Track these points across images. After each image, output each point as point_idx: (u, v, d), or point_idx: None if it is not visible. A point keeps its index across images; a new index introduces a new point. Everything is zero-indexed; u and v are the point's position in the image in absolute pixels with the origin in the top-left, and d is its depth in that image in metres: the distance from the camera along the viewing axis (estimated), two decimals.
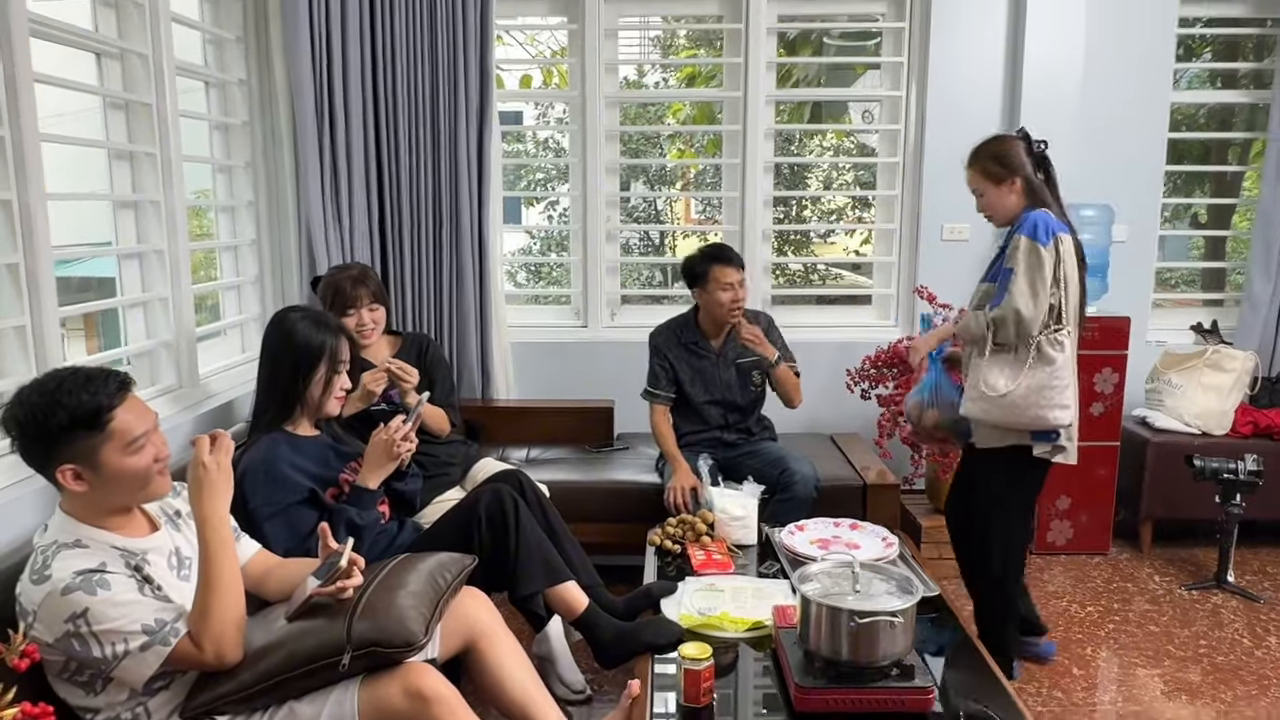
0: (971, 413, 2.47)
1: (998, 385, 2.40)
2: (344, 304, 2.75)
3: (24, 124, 2.05)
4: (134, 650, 1.48)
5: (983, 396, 2.42)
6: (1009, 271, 2.39)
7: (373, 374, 2.67)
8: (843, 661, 1.73)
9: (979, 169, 2.52)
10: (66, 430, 1.51)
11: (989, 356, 2.43)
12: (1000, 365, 2.42)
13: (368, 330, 2.80)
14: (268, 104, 3.32)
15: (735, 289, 3.04)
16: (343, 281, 2.76)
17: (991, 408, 2.42)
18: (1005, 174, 2.48)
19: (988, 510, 2.57)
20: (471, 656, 1.95)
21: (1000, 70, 3.73)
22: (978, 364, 2.46)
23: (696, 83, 7.06)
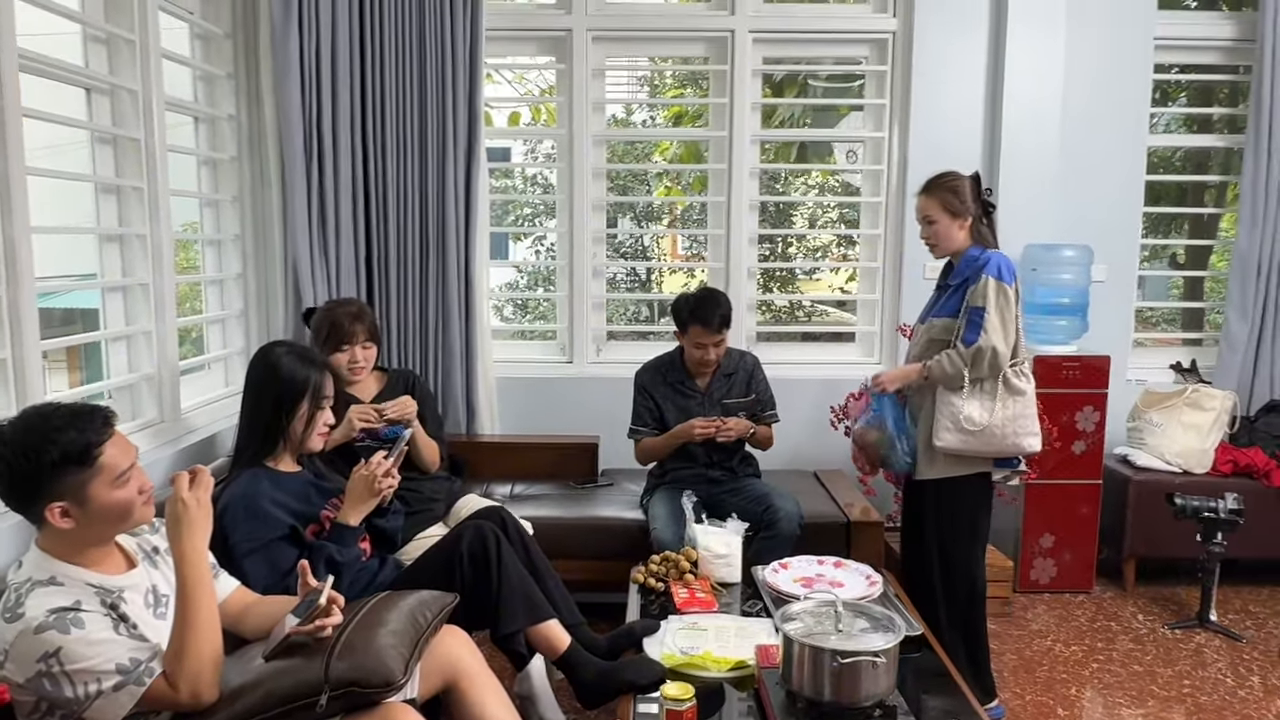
0: (949, 445, 2.54)
1: (976, 418, 2.51)
2: (339, 339, 2.74)
3: (10, 158, 2.06)
4: (107, 690, 1.46)
5: (960, 429, 2.52)
6: (980, 310, 2.51)
7: (360, 409, 2.66)
8: (825, 702, 1.73)
9: (938, 199, 2.60)
10: (57, 466, 1.50)
11: (967, 391, 2.53)
12: (977, 399, 2.53)
13: (359, 368, 2.79)
14: (256, 139, 3.34)
15: (709, 350, 3.07)
16: (341, 317, 2.75)
17: (971, 439, 2.53)
18: (961, 209, 2.59)
19: (959, 538, 2.65)
20: (452, 696, 1.92)
21: (980, 113, 3.80)
22: (950, 400, 2.54)
23: (683, 121, 7.14)
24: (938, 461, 2.61)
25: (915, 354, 2.72)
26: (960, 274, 2.61)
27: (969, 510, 2.65)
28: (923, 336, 2.69)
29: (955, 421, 2.53)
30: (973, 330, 2.51)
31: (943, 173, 2.65)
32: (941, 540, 2.66)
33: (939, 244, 2.63)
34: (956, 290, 2.61)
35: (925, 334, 2.68)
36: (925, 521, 2.69)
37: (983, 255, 2.57)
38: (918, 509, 2.75)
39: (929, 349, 2.64)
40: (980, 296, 2.50)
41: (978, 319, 2.50)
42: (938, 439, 2.55)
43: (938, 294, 2.74)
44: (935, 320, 2.65)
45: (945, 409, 2.55)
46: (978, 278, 2.53)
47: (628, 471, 3.58)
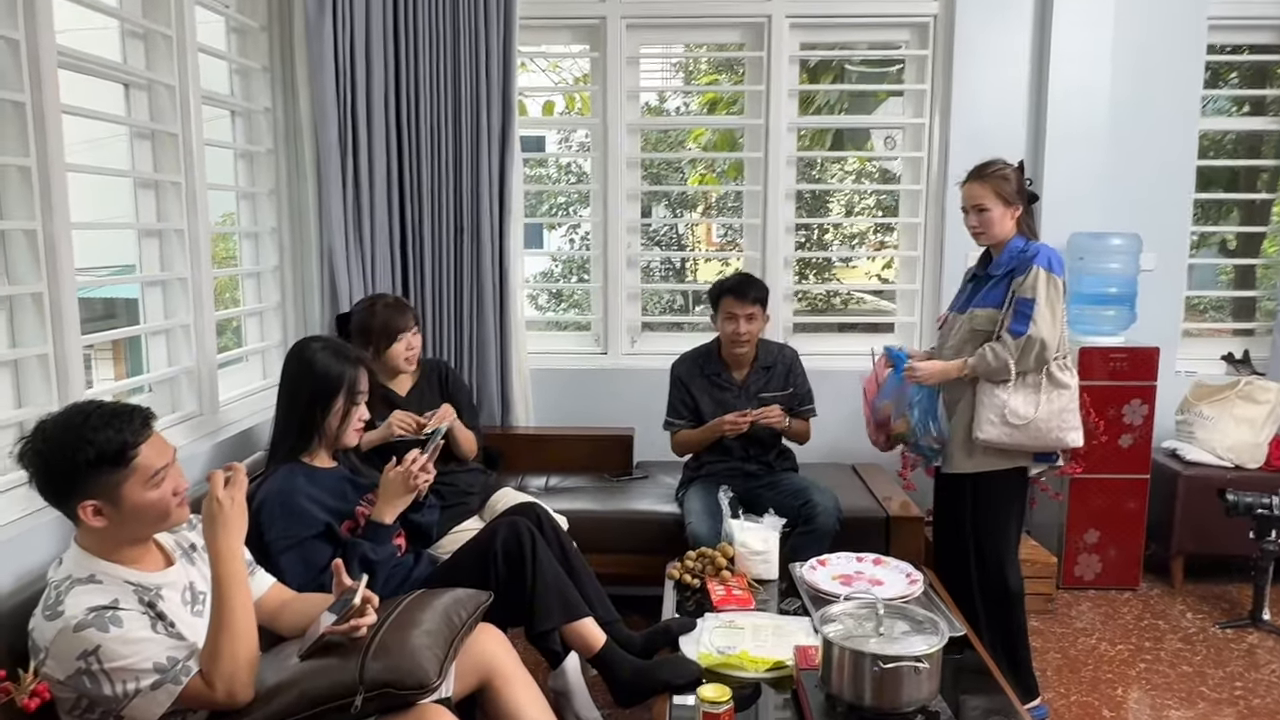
0: (992, 438, 2.50)
1: (1021, 411, 2.48)
2: (392, 331, 2.73)
3: (50, 154, 2.07)
4: (145, 689, 1.46)
5: (1005, 423, 2.49)
6: (1029, 301, 2.47)
7: (401, 417, 2.65)
8: (866, 707, 1.69)
9: (992, 187, 2.53)
10: (92, 466, 1.50)
11: (1013, 384, 2.49)
12: (1021, 392, 2.50)
13: (415, 355, 2.79)
14: (292, 132, 3.34)
15: (739, 321, 3.01)
16: (384, 310, 2.74)
17: (1015, 433, 2.49)
18: (1014, 198, 2.54)
19: (995, 532, 2.60)
20: (487, 695, 1.92)
21: (1025, 98, 3.70)
22: (994, 393, 2.50)
23: (718, 108, 7.07)
24: (976, 454, 2.57)
25: (954, 344, 2.65)
26: (1004, 264, 2.56)
27: (1006, 504, 2.61)
28: (963, 327, 2.62)
29: (1000, 415, 2.49)
30: (1021, 321, 2.47)
31: (991, 160, 2.59)
32: (978, 535, 2.62)
33: (987, 232, 2.57)
34: (1000, 281, 2.56)
35: (966, 324, 2.61)
36: (961, 516, 2.65)
37: (1030, 246, 2.53)
38: (952, 503, 2.70)
39: (970, 340, 2.59)
40: (1030, 288, 2.46)
41: (1027, 310, 2.46)
42: (980, 432, 2.51)
43: (974, 284, 2.68)
44: (977, 311, 2.59)
45: (989, 401, 2.51)
46: (1026, 269, 2.48)
47: (663, 464, 3.55)
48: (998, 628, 2.61)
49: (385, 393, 2.78)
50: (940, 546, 2.83)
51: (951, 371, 2.57)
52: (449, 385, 2.95)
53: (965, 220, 2.63)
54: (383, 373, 2.79)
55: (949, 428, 2.67)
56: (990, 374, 2.50)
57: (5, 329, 2.07)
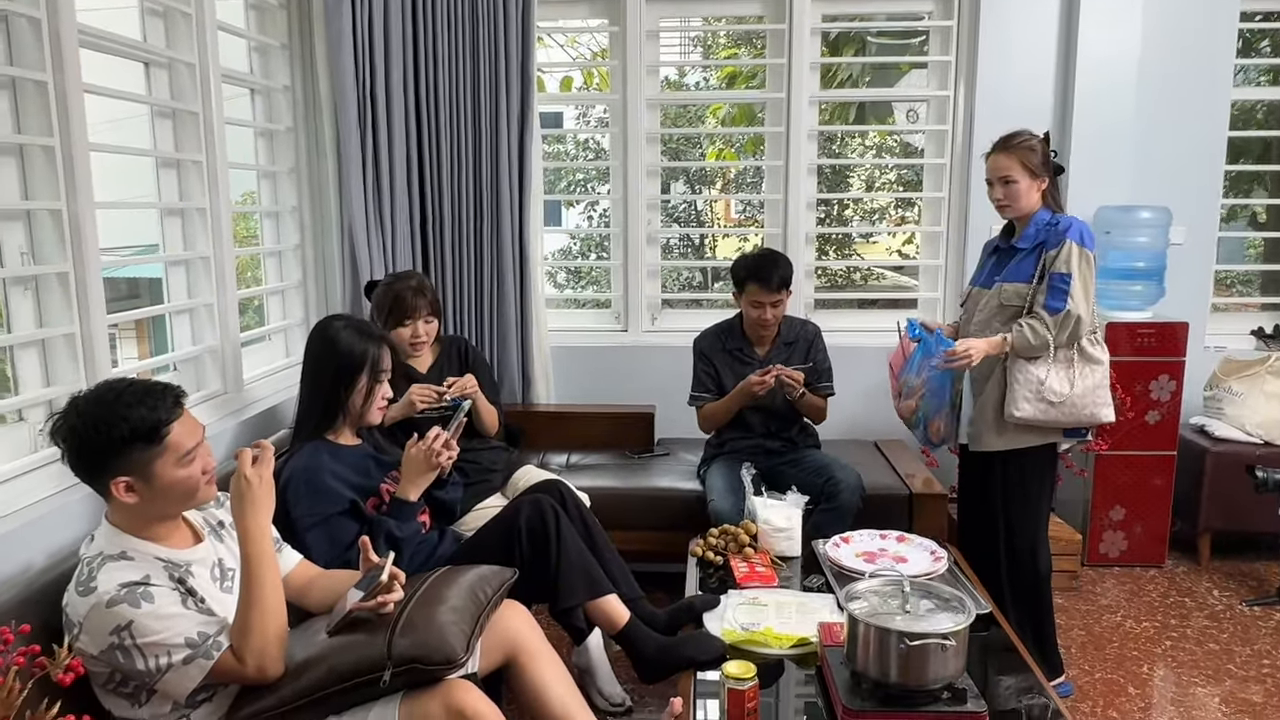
0: (1028, 415, 2.48)
1: (1058, 389, 2.46)
2: (402, 314, 2.73)
3: (73, 134, 2.07)
4: (177, 663, 1.48)
5: (1041, 399, 2.46)
6: (1064, 276, 2.43)
7: (420, 390, 2.66)
8: (891, 684, 1.68)
9: (1019, 158, 2.49)
10: (125, 443, 1.52)
11: (1051, 361, 2.47)
12: (1056, 369, 2.48)
13: (421, 343, 2.79)
14: (311, 110, 3.34)
15: (765, 309, 2.99)
16: (404, 291, 2.74)
17: (1051, 410, 2.47)
18: (1040, 170, 2.50)
19: (1026, 510, 2.59)
20: (512, 671, 1.93)
21: (1052, 69, 3.63)
22: (1028, 370, 2.48)
23: (737, 82, 7.00)
24: (1007, 432, 2.55)
25: (981, 319, 2.62)
26: (1032, 237, 2.52)
27: (1037, 481, 2.59)
28: (990, 302, 2.59)
29: (1036, 392, 2.46)
30: (1058, 297, 2.44)
31: (1017, 131, 2.54)
32: (1008, 513, 2.60)
33: (1013, 205, 2.52)
34: (1029, 254, 2.52)
35: (994, 299, 2.58)
36: (990, 494, 2.63)
37: (1061, 219, 2.49)
38: (980, 481, 2.68)
39: (998, 315, 2.56)
40: (1065, 263, 2.43)
41: (1063, 285, 2.43)
42: (1016, 409, 2.48)
43: (997, 257, 2.65)
44: (1006, 285, 2.56)
45: (1023, 379, 2.48)
46: (1058, 242, 2.45)
47: (684, 441, 3.55)
48: (1025, 605, 2.60)
49: (406, 369, 2.79)
50: (965, 524, 2.81)
51: (993, 350, 2.51)
52: (470, 362, 2.95)
53: (990, 193, 2.58)
54: (401, 351, 2.80)
55: (974, 406, 2.63)
56: (1030, 351, 2.47)
57: (32, 309, 2.08)
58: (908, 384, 2.74)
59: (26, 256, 2.07)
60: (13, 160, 2.02)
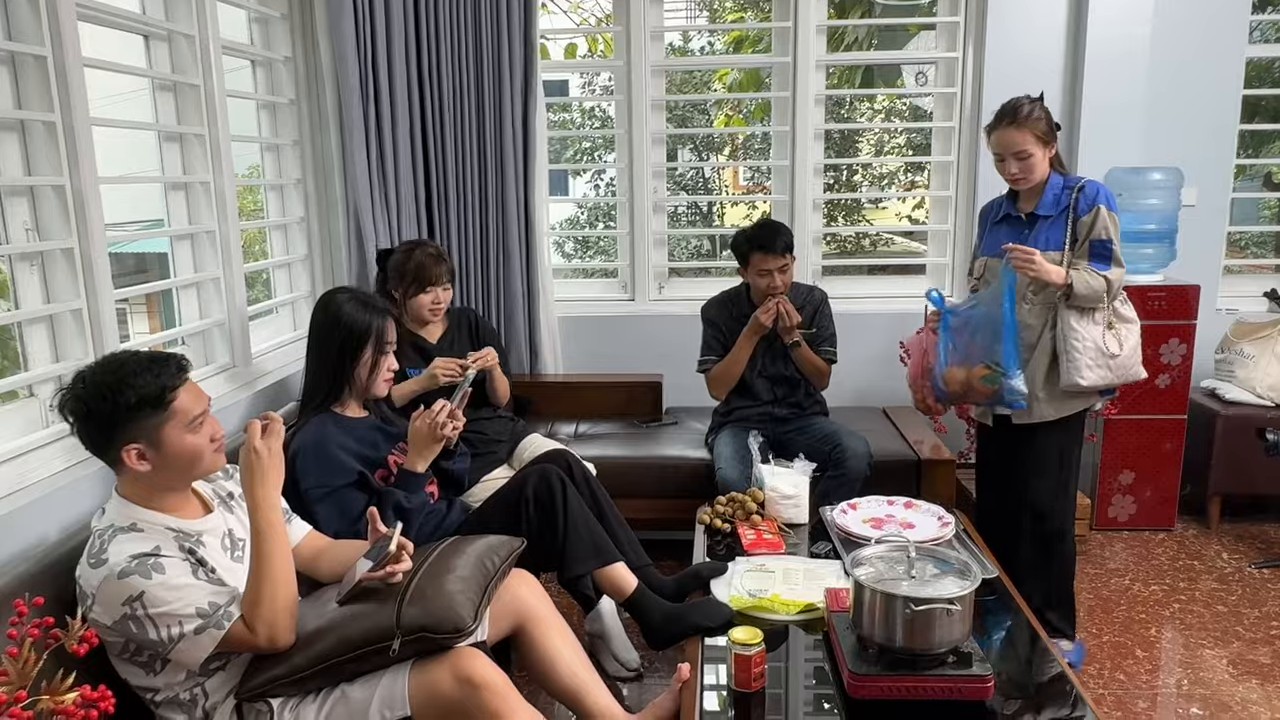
0: (1093, 381, 2.43)
1: (1114, 351, 2.45)
2: (424, 280, 2.74)
3: (75, 108, 2.06)
4: (189, 633, 1.50)
5: (1104, 365, 2.44)
6: (1106, 242, 2.41)
7: (444, 363, 2.66)
8: (898, 648, 1.69)
9: (1030, 130, 2.42)
10: (133, 409, 1.54)
11: (1100, 323, 2.45)
12: (1106, 331, 2.46)
13: (440, 309, 2.80)
14: (314, 81, 3.32)
15: (774, 276, 2.97)
16: (424, 258, 2.75)
17: (1109, 374, 2.45)
18: (1051, 138, 2.46)
19: (1063, 477, 2.58)
20: (521, 639, 1.95)
21: (1063, 27, 3.57)
22: (1086, 333, 2.43)
23: (744, 47, 6.91)
24: (1057, 400, 2.51)
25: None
26: (1054, 203, 2.48)
27: (1078, 444, 2.61)
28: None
29: (1096, 357, 2.42)
30: (1103, 263, 2.41)
31: (1017, 102, 2.46)
32: (1044, 482, 2.56)
33: (1029, 177, 2.46)
34: (1056, 221, 2.47)
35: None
36: (1022, 464, 2.58)
37: (1083, 183, 2.45)
38: (1011, 451, 2.62)
39: (1032, 284, 2.47)
40: (1103, 229, 2.41)
41: (1106, 252, 2.41)
42: (1081, 378, 2.41)
43: (1009, 226, 2.56)
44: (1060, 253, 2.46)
45: (1082, 346, 2.42)
46: (1089, 208, 2.42)
47: (692, 409, 3.56)
48: (1056, 570, 2.60)
49: (416, 340, 2.80)
50: (990, 496, 2.77)
51: (1053, 277, 2.39)
52: (480, 333, 2.96)
53: (1001, 168, 2.50)
54: (411, 320, 2.81)
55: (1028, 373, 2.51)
56: (1083, 299, 2.41)
57: (40, 285, 2.09)
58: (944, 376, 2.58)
59: (32, 233, 2.07)
60: (14, 136, 2.02)
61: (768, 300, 2.94)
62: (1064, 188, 2.47)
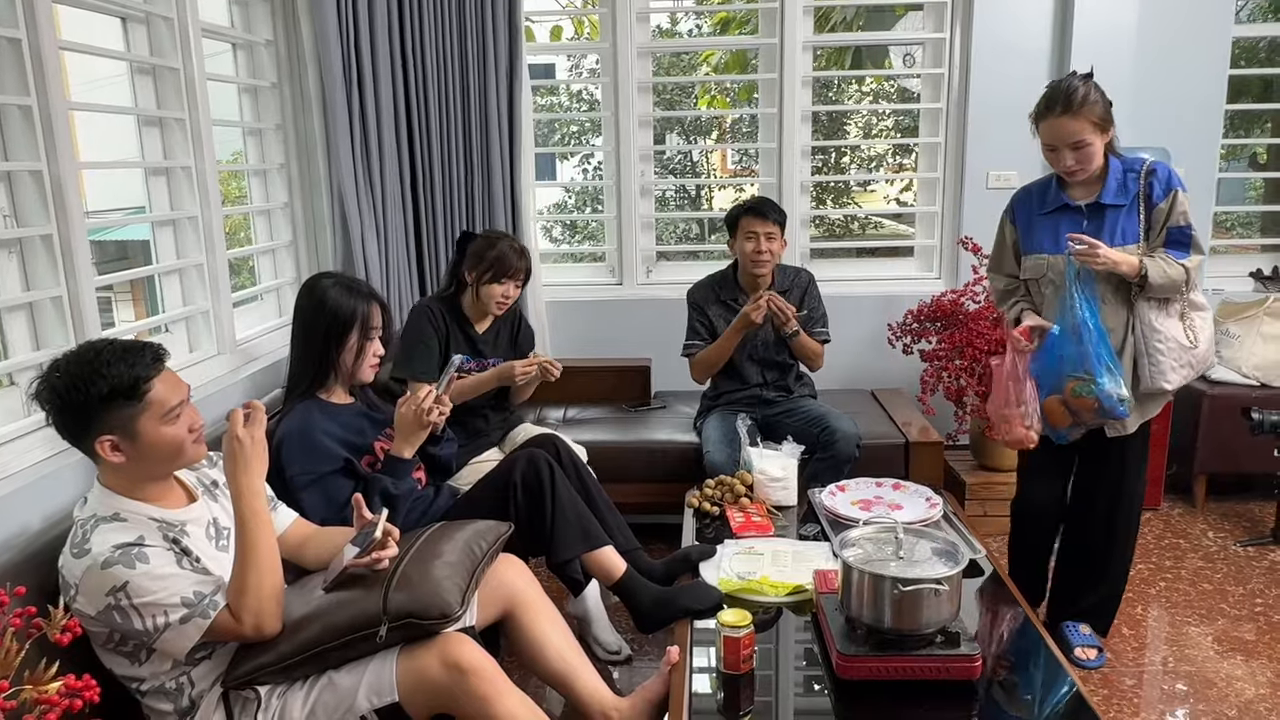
0: (1176, 383, 2.26)
1: (1189, 343, 2.26)
2: (501, 271, 2.73)
3: (51, 92, 2.03)
4: (174, 623, 1.49)
5: (1187, 364, 2.26)
6: (1185, 229, 2.22)
7: (526, 364, 2.68)
8: (886, 629, 1.70)
9: (1090, 119, 2.19)
10: (106, 400, 1.51)
11: (1177, 316, 2.27)
12: (1183, 324, 2.27)
13: (507, 304, 2.80)
14: (296, 65, 3.27)
15: (759, 240, 2.96)
16: (507, 250, 2.74)
17: (1190, 370, 2.28)
18: (1109, 123, 2.24)
19: (1136, 488, 2.47)
20: (510, 624, 1.95)
21: (1050, 6, 3.56)
22: (1166, 332, 2.24)
23: (730, 28, 6.87)
24: (1141, 406, 2.32)
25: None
26: (1122, 191, 2.26)
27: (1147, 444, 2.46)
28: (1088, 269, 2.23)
29: (1179, 357, 2.24)
30: (1181, 250, 2.22)
31: (1068, 83, 2.22)
32: (1121, 494, 2.43)
33: (1087, 167, 2.24)
34: (1128, 211, 2.26)
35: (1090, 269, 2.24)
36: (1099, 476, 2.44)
37: (1149, 164, 2.26)
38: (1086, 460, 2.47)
39: (1108, 281, 2.25)
40: (1181, 214, 2.22)
41: (1185, 239, 2.22)
42: (1165, 380, 2.24)
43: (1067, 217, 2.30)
44: (1137, 246, 2.25)
45: (1164, 347, 2.24)
46: (1165, 194, 2.23)
47: (681, 394, 3.56)
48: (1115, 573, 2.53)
49: (466, 328, 2.82)
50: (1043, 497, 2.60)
51: (1125, 266, 2.18)
52: (519, 334, 2.98)
53: (1054, 160, 2.26)
54: (471, 306, 2.81)
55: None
56: (1160, 289, 2.20)
57: (19, 272, 2.06)
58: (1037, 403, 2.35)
59: (9, 219, 2.04)
60: None
61: (757, 297, 2.90)
62: (1126, 171, 2.26)
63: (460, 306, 2.83)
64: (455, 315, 2.81)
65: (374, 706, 1.59)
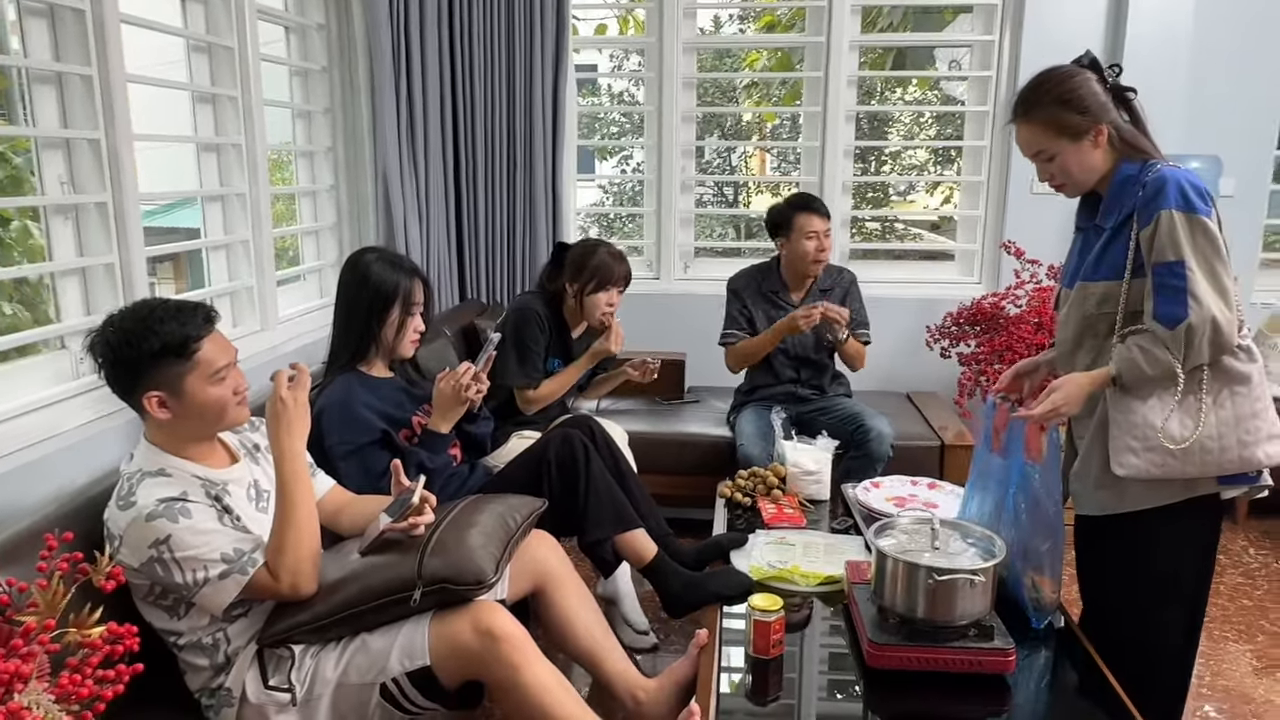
0: (1133, 471, 1.70)
1: (1178, 431, 1.66)
2: (605, 280, 2.74)
3: (111, 64, 2.08)
4: (213, 578, 1.51)
5: (1151, 448, 1.68)
6: (1175, 266, 1.61)
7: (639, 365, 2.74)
8: (919, 619, 1.68)
9: (1044, 122, 1.75)
10: (156, 356, 1.55)
11: (1161, 396, 1.68)
12: (1165, 402, 1.68)
13: (612, 311, 2.80)
14: (346, 49, 3.32)
15: (820, 238, 2.95)
16: (607, 257, 2.74)
17: (1171, 462, 1.67)
18: (1086, 123, 1.73)
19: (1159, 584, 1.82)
20: (540, 600, 1.95)
21: (1103, 10, 3.52)
22: (1131, 406, 1.70)
23: (775, 30, 6.86)
24: (1127, 491, 1.76)
25: (1066, 338, 1.85)
26: (1115, 209, 1.74)
27: (1192, 545, 1.82)
28: (1072, 312, 1.81)
29: (1144, 438, 1.68)
30: (1172, 300, 1.62)
31: (1039, 79, 1.78)
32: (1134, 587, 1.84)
33: (1070, 181, 1.79)
34: (1116, 235, 1.74)
35: (1076, 308, 1.80)
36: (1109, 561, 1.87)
37: (1148, 172, 1.70)
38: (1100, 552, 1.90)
39: (1086, 330, 1.79)
40: (1167, 245, 1.62)
41: (1176, 280, 1.61)
42: (1119, 464, 1.71)
43: (1083, 239, 1.86)
44: (1090, 284, 1.77)
45: (1124, 420, 1.70)
46: (1150, 212, 1.65)
47: (715, 389, 3.55)
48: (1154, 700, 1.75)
49: (563, 333, 2.85)
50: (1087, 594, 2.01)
51: (1098, 384, 1.73)
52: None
53: (1039, 175, 1.86)
54: (572, 313, 2.84)
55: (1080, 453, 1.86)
56: (1148, 384, 1.69)
57: (73, 238, 2.11)
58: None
59: (67, 186, 2.09)
60: (52, 89, 2.03)
61: (811, 307, 2.86)
62: (1126, 181, 1.74)
63: (561, 312, 2.84)
64: (556, 321, 2.82)
65: (405, 669, 1.60)
